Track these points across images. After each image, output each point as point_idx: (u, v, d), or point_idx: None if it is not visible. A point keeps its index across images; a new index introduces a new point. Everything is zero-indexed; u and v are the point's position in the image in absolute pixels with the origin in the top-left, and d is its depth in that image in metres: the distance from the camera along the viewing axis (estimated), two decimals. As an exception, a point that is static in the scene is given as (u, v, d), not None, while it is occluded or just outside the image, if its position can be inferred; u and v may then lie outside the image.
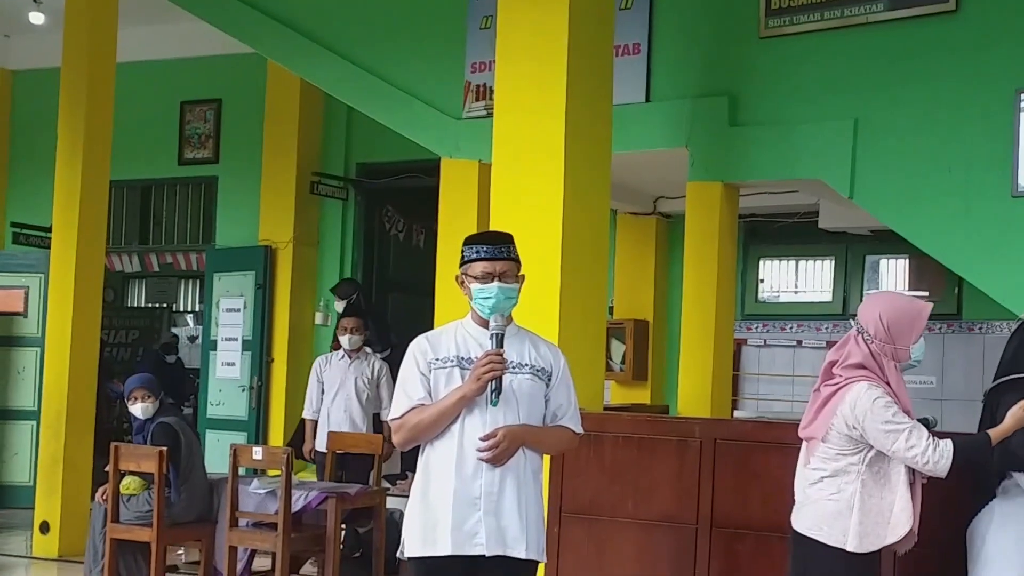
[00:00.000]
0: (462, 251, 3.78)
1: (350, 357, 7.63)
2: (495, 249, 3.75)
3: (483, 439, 3.63)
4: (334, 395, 7.60)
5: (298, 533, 6.32)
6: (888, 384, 3.82)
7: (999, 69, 5.89)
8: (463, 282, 3.77)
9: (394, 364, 7.89)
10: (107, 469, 6.55)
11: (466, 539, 3.62)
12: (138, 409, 6.67)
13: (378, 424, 7.41)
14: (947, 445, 3.70)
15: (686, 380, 6.80)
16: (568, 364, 3.89)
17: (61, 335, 8.29)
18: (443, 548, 3.63)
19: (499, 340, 3.67)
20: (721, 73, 6.72)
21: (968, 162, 5.93)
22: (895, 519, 3.77)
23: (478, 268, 3.72)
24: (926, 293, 8.94)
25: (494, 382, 3.62)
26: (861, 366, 3.85)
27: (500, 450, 3.63)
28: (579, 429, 3.88)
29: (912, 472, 3.77)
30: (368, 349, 7.72)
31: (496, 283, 3.70)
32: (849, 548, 3.78)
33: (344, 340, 7.59)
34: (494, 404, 3.64)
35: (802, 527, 3.91)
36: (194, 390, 10.87)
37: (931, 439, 3.71)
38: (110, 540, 6.51)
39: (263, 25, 8.17)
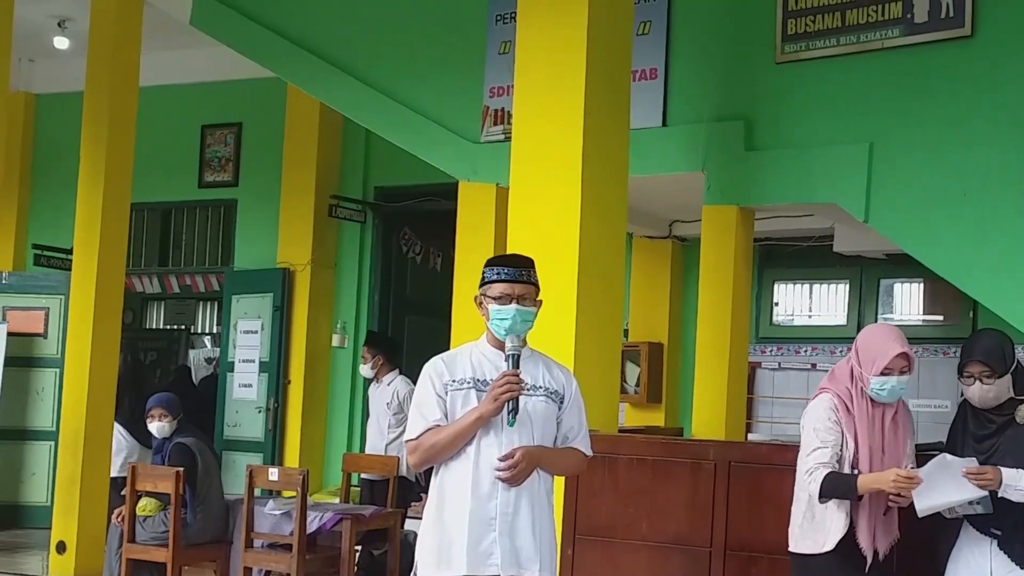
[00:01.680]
0: (483, 272, 3.82)
1: (374, 383, 7.79)
2: (516, 272, 3.78)
3: (501, 459, 3.66)
4: (369, 420, 7.89)
5: (313, 554, 6.34)
6: (851, 399, 4.01)
7: (1014, 94, 5.89)
8: (481, 302, 3.81)
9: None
10: (123, 493, 6.59)
11: (481, 559, 3.65)
12: (155, 427, 6.73)
13: None
14: (820, 475, 3.93)
15: (701, 403, 6.79)
16: (579, 387, 3.93)
17: (80, 356, 8.33)
18: (458, 568, 3.65)
19: (515, 361, 3.70)
20: (737, 98, 6.75)
21: (983, 186, 5.92)
22: (831, 526, 3.98)
23: (497, 289, 3.75)
24: (940, 318, 8.93)
25: (511, 403, 3.65)
26: (837, 378, 4.09)
27: (518, 470, 3.66)
28: (589, 451, 3.92)
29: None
30: (393, 375, 7.85)
31: (514, 305, 3.73)
32: (791, 548, 4.08)
33: (361, 368, 7.91)
34: (511, 424, 3.66)
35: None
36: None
37: (816, 465, 3.94)
38: (126, 560, 6.54)
39: (283, 49, 8.25)
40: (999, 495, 3.89)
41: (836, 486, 3.94)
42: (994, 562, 3.96)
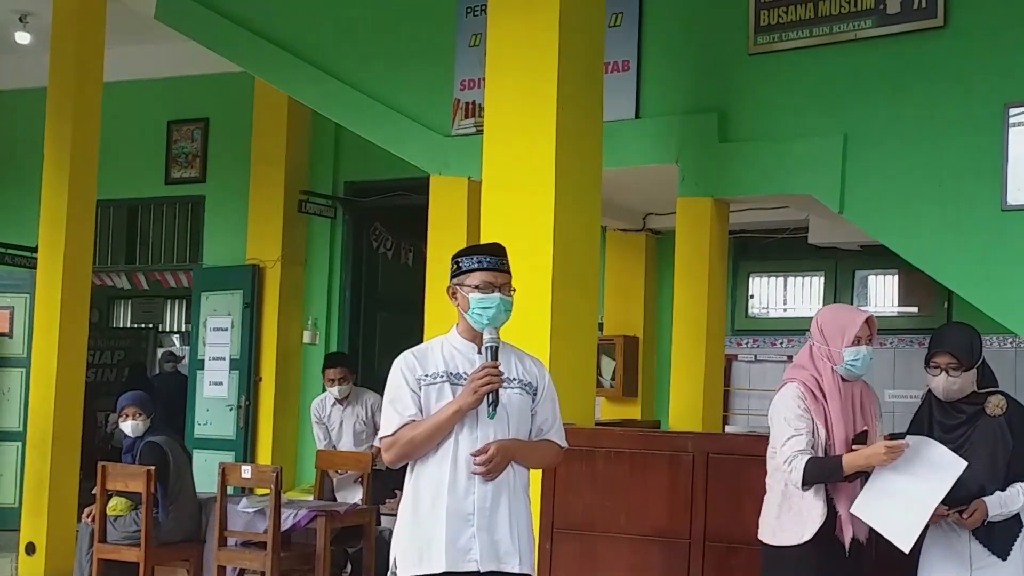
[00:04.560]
0: (457, 262, 3.76)
1: (341, 404, 7.63)
2: (498, 260, 3.75)
3: (474, 454, 3.62)
4: (339, 438, 7.67)
5: (287, 552, 6.29)
6: (819, 385, 4.00)
7: (987, 84, 5.90)
8: (456, 293, 3.75)
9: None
10: (94, 492, 6.50)
11: (460, 555, 3.61)
12: (128, 426, 6.65)
13: None
14: (801, 462, 3.90)
15: (677, 396, 6.78)
16: (552, 379, 3.89)
17: (47, 356, 8.24)
18: (437, 565, 3.61)
19: (493, 353, 3.66)
20: (710, 89, 6.73)
21: (958, 176, 5.93)
22: (808, 515, 3.95)
23: (478, 278, 3.70)
24: (915, 309, 8.96)
25: (491, 395, 3.61)
26: (801, 366, 4.09)
27: (493, 464, 3.62)
28: (564, 443, 3.89)
29: None
30: (365, 391, 7.72)
31: (498, 294, 3.69)
32: (765, 540, 4.05)
33: (333, 391, 7.64)
34: (491, 417, 3.63)
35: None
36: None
37: (795, 454, 3.91)
38: (97, 560, 6.45)
39: (250, 44, 8.16)
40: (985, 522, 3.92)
41: (820, 470, 3.91)
42: (973, 552, 3.95)
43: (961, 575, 3.94)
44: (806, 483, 3.91)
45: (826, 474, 3.91)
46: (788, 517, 4.00)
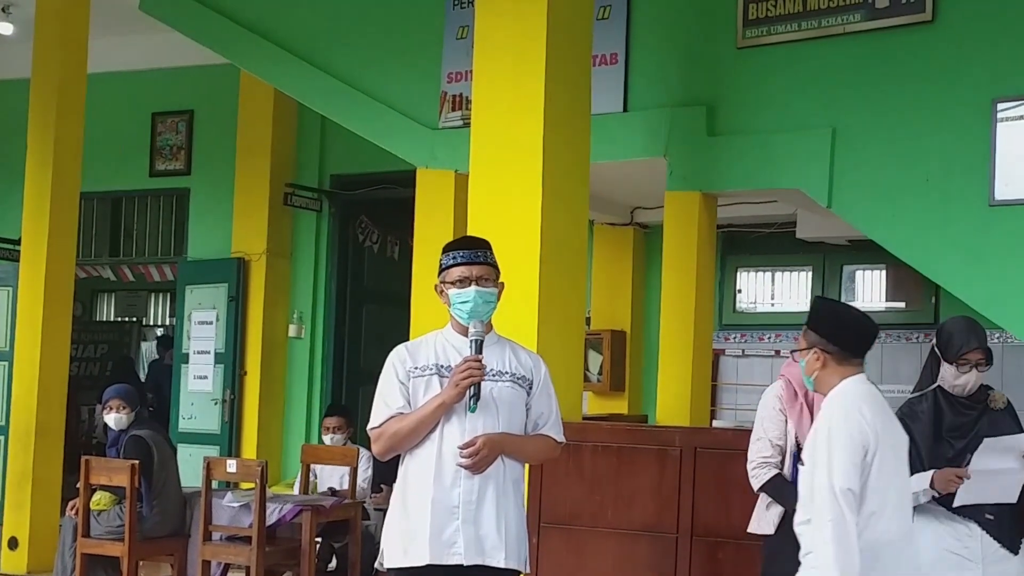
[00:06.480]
0: (440, 260, 3.77)
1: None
2: (471, 254, 3.74)
3: (462, 447, 3.60)
4: (323, 485, 7.40)
5: (272, 547, 6.26)
6: (800, 382, 3.97)
7: (976, 79, 5.90)
8: (442, 291, 3.75)
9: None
10: (78, 486, 6.46)
11: (444, 548, 3.59)
12: (111, 419, 6.60)
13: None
14: (766, 474, 4.04)
15: (665, 390, 6.77)
16: (550, 373, 3.86)
17: (30, 349, 8.19)
18: (421, 558, 3.60)
19: (478, 346, 3.65)
20: (699, 82, 6.72)
21: (946, 171, 5.93)
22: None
23: (455, 273, 3.71)
24: (903, 304, 8.97)
25: (473, 388, 3.60)
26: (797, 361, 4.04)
27: (479, 458, 3.60)
28: (561, 438, 3.86)
29: None
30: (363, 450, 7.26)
31: (473, 287, 3.68)
32: (750, 528, 4.12)
33: (327, 439, 7.45)
34: (472, 410, 3.61)
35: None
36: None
37: (762, 462, 4.03)
38: (80, 555, 6.41)
39: (236, 35, 8.12)
40: None
41: (780, 494, 4.00)
42: (984, 546, 3.93)
43: (974, 570, 3.92)
44: (762, 492, 4.05)
45: (784, 501, 3.98)
46: (764, 513, 4.13)
